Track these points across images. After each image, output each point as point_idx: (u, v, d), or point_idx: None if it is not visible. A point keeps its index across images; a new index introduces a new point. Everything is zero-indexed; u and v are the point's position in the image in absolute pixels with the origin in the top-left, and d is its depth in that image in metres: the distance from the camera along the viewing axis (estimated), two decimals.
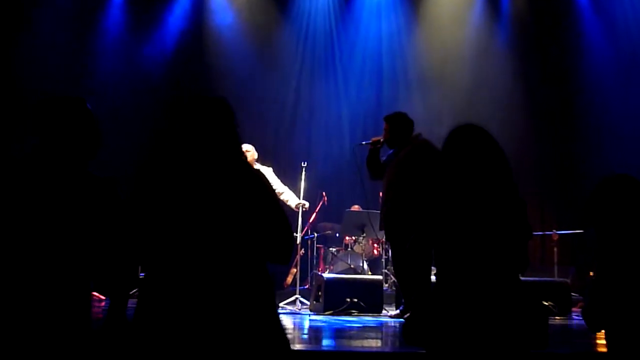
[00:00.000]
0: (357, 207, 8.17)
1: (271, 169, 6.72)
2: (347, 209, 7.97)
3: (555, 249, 7.72)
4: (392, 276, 7.39)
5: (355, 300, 6.08)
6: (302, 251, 7.84)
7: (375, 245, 8.29)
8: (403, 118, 5.71)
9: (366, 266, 7.76)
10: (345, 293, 6.13)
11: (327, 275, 6.70)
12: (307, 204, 6.94)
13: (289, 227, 2.15)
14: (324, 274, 6.81)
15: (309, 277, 8.18)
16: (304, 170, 6.93)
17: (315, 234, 8.24)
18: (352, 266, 7.78)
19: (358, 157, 5.96)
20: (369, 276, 7.16)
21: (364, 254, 7.84)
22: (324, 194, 8.03)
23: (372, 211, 7.03)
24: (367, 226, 7.49)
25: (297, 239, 6.78)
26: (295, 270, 7.42)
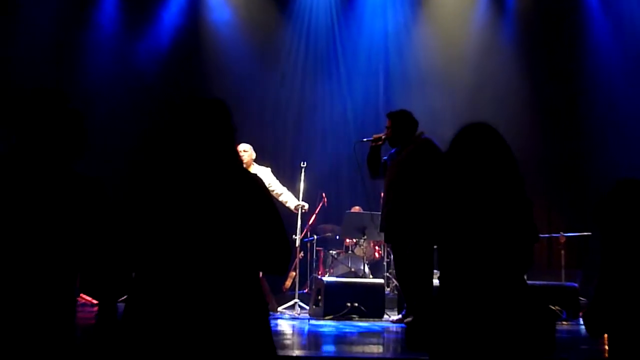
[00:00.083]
0: (358, 209, 8.17)
1: (269, 169, 6.72)
2: (348, 211, 7.97)
3: (562, 252, 7.71)
4: (394, 280, 7.39)
5: (356, 304, 6.09)
6: (302, 254, 7.85)
7: (376, 247, 8.29)
8: (407, 116, 5.69)
9: (367, 269, 7.76)
10: (345, 297, 6.14)
11: (327, 278, 6.70)
12: (307, 206, 6.94)
13: (285, 235, 2.12)
14: (324, 278, 6.82)
15: (309, 281, 8.18)
16: (303, 170, 6.93)
17: (314, 237, 8.23)
18: (353, 269, 7.77)
19: (359, 155, 5.94)
20: (370, 280, 7.16)
21: (365, 257, 7.84)
22: (324, 195, 8.02)
23: (374, 213, 7.02)
24: (368, 228, 7.49)
25: (296, 242, 6.78)
26: (294, 273, 7.41)
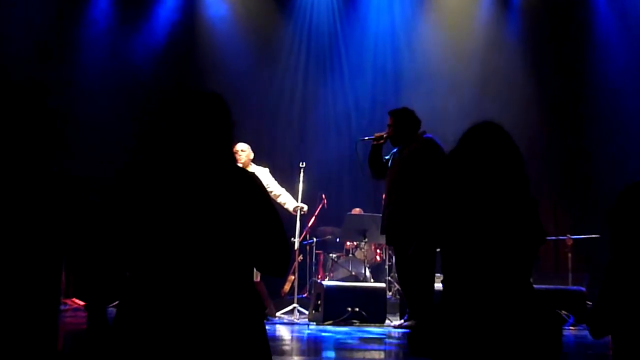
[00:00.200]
0: (359, 210, 8.17)
1: (268, 170, 6.73)
2: (348, 213, 7.97)
3: (569, 255, 7.72)
4: (396, 284, 7.40)
5: (356, 309, 6.09)
6: (301, 257, 7.86)
7: (378, 250, 8.30)
8: (409, 114, 5.70)
9: (368, 273, 7.76)
10: (346, 302, 6.15)
11: (327, 283, 6.71)
12: (306, 207, 6.94)
13: (284, 236, 2.11)
14: (324, 282, 6.83)
15: (308, 285, 8.19)
16: (303, 171, 6.94)
17: (314, 239, 8.23)
18: (354, 273, 7.79)
19: (360, 154, 5.95)
20: (372, 284, 7.18)
21: (366, 260, 7.84)
22: (324, 196, 8.02)
23: (375, 214, 7.04)
24: (369, 230, 7.50)
25: (295, 245, 6.77)
26: (293, 277, 7.43)
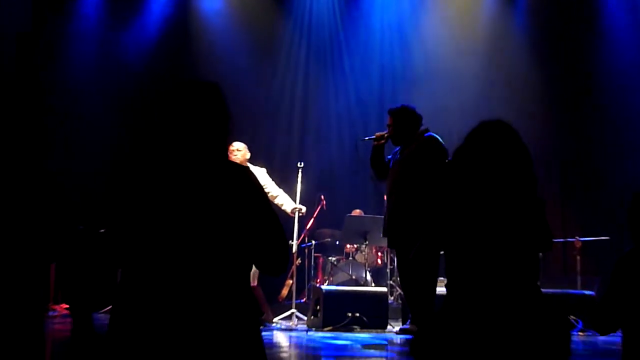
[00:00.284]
0: (359, 212, 8.17)
1: (265, 170, 6.72)
2: (348, 214, 7.95)
3: (578, 258, 7.69)
4: (398, 288, 7.38)
5: (357, 314, 6.09)
6: (299, 261, 7.84)
7: (379, 253, 8.28)
8: (409, 112, 5.68)
9: (369, 277, 7.76)
10: (346, 307, 6.14)
11: (326, 287, 6.70)
12: (304, 209, 6.92)
13: (283, 234, 2.12)
14: (323, 286, 6.82)
15: (307, 290, 8.17)
16: (301, 171, 6.92)
17: (313, 242, 8.24)
18: (354, 277, 7.77)
19: (361, 155, 5.93)
20: (373, 288, 7.15)
21: (367, 264, 7.83)
22: (323, 198, 8.01)
23: (376, 216, 7.02)
24: (370, 233, 7.48)
25: (293, 248, 6.77)
26: (291, 282, 7.40)
